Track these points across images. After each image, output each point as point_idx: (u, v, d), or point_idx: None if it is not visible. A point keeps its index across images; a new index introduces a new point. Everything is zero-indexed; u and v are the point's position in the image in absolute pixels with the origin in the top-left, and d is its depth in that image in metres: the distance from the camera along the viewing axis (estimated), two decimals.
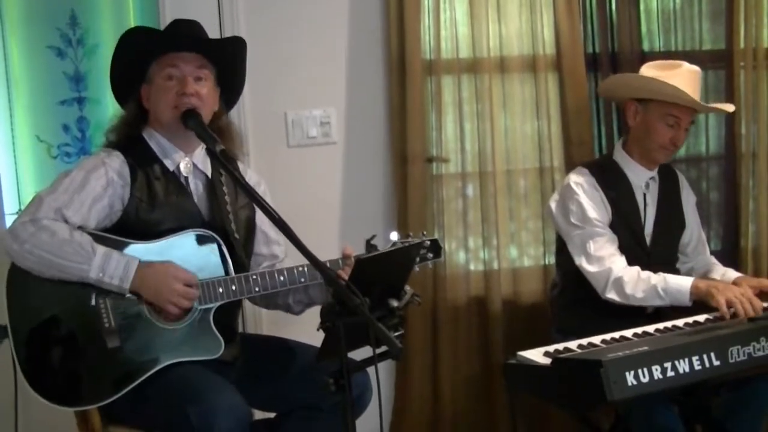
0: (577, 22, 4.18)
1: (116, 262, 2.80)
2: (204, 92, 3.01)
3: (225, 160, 2.78)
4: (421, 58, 4.03)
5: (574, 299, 3.65)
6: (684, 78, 3.58)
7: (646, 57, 4.22)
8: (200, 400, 2.69)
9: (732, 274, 3.66)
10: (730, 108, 3.82)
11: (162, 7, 3.83)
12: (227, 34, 3.75)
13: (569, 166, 4.05)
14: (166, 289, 2.84)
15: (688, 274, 3.71)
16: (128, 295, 2.82)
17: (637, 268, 3.47)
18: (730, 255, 4.25)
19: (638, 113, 3.64)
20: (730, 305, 3.24)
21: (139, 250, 2.89)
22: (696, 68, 3.66)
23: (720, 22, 4.42)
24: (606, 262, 3.48)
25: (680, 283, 3.40)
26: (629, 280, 3.43)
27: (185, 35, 3.04)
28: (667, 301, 3.40)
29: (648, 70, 3.68)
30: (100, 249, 2.80)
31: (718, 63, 4.42)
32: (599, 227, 3.54)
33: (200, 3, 3.84)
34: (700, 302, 3.36)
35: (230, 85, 3.20)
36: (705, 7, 4.41)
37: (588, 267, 3.52)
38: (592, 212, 3.54)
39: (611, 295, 3.46)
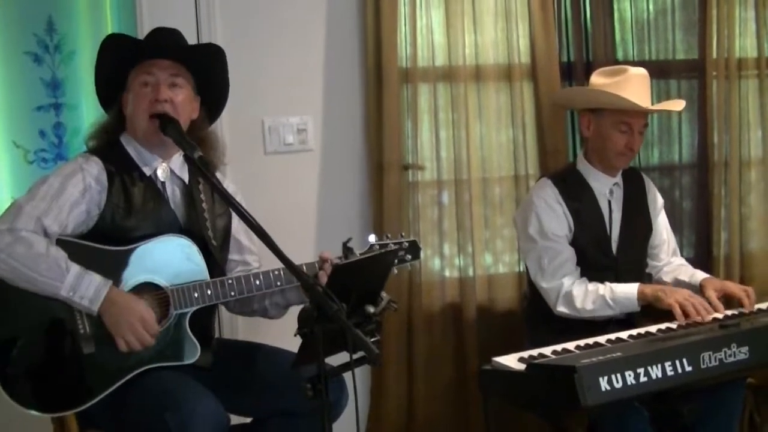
0: (552, 31, 4.22)
1: (88, 283, 2.79)
2: (179, 99, 3.02)
3: (203, 167, 2.79)
4: (397, 66, 4.05)
5: (544, 312, 3.67)
6: (632, 84, 3.60)
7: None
8: (177, 405, 2.70)
9: (700, 275, 3.67)
10: (679, 106, 3.79)
11: (139, 14, 3.82)
12: (204, 41, 3.75)
13: (544, 175, 4.07)
14: (126, 324, 2.82)
15: (659, 279, 3.76)
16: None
17: (585, 281, 3.52)
18: (702, 263, 4.28)
19: (591, 123, 3.66)
20: (682, 308, 3.30)
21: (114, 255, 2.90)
22: (643, 71, 3.67)
23: (693, 33, 4.47)
24: (557, 276, 3.52)
25: (627, 291, 3.45)
26: (578, 293, 3.47)
27: (160, 42, 3.05)
28: (617, 310, 3.45)
29: (597, 78, 3.71)
30: (74, 268, 2.79)
31: (691, 73, 4.48)
32: (555, 242, 3.56)
33: (178, 11, 3.84)
34: (648, 308, 3.41)
35: (211, 95, 3.21)
36: (678, 18, 4.46)
37: (541, 282, 3.56)
38: (549, 226, 3.56)
39: (562, 309, 3.50)
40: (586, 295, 3.46)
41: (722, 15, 4.34)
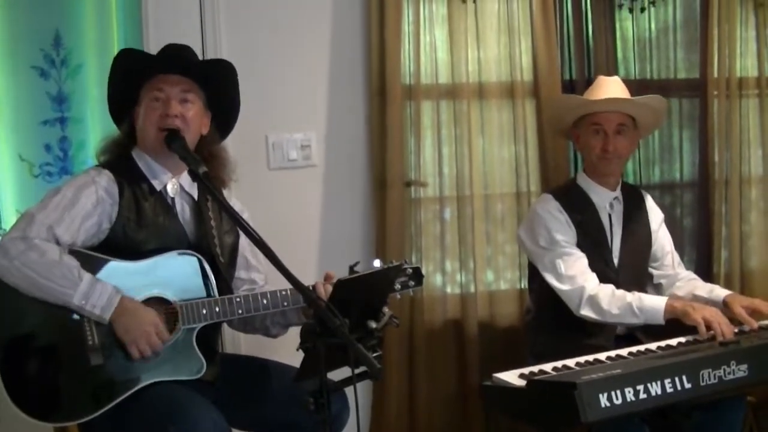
0: (554, 48, 4.25)
1: (100, 291, 2.81)
2: (189, 115, 3.05)
3: (207, 182, 2.81)
4: (400, 83, 4.08)
5: (547, 324, 3.70)
6: (598, 88, 3.74)
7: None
8: (181, 419, 2.71)
9: (720, 291, 3.66)
10: (655, 101, 3.74)
11: (146, 29, 3.86)
12: (210, 57, 3.78)
13: (546, 191, 4.09)
14: (137, 332, 2.84)
15: (665, 290, 3.79)
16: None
17: (611, 286, 3.52)
18: (703, 280, 4.30)
19: (578, 137, 3.74)
20: (707, 323, 3.30)
21: (125, 268, 2.92)
22: (614, 77, 3.80)
23: (694, 51, 4.50)
24: (578, 280, 3.53)
25: (655, 302, 3.44)
26: (604, 296, 3.47)
27: (172, 58, 3.07)
28: (641, 320, 3.44)
29: None
30: (87, 276, 2.82)
31: (693, 91, 4.49)
32: (567, 247, 3.59)
33: (183, 26, 3.88)
34: (673, 321, 3.41)
35: (222, 111, 3.23)
36: (680, 37, 4.49)
37: (560, 286, 3.56)
38: (558, 234, 3.59)
39: (586, 312, 3.49)
40: (612, 300, 3.46)
41: (723, 34, 4.37)
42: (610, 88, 3.71)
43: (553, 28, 4.24)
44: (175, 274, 2.98)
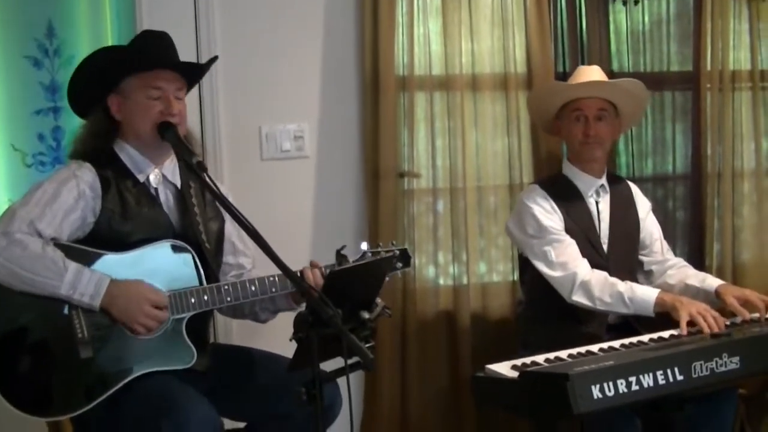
0: (548, 41, 4.25)
1: (87, 279, 2.81)
2: (183, 110, 3.07)
3: (200, 173, 2.80)
4: (394, 75, 4.07)
5: (539, 314, 3.71)
6: (576, 76, 3.80)
7: (615, 76, 4.29)
8: (173, 412, 2.71)
9: (712, 281, 3.66)
10: (632, 85, 3.78)
11: (139, 21, 3.84)
12: (203, 49, 3.78)
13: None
14: (135, 310, 2.85)
15: (656, 277, 3.80)
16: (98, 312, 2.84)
17: (604, 273, 3.53)
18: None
19: (560, 128, 3.79)
20: (692, 320, 3.30)
21: (113, 260, 2.91)
22: (593, 66, 3.86)
23: (688, 45, 4.51)
24: (570, 266, 3.53)
25: (646, 294, 3.44)
26: (596, 283, 3.48)
27: (167, 55, 3.07)
28: (631, 310, 3.45)
29: None
30: (72, 266, 2.81)
31: (686, 84, 4.50)
32: (556, 234, 3.60)
33: (177, 17, 3.86)
34: (663, 314, 3.41)
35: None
36: (673, 30, 4.51)
37: (552, 273, 3.57)
38: (547, 221, 3.60)
39: (577, 298, 3.50)
40: (605, 287, 3.47)
41: (716, 28, 4.37)
42: (590, 74, 3.75)
43: (546, 21, 4.24)
44: (163, 264, 2.97)
